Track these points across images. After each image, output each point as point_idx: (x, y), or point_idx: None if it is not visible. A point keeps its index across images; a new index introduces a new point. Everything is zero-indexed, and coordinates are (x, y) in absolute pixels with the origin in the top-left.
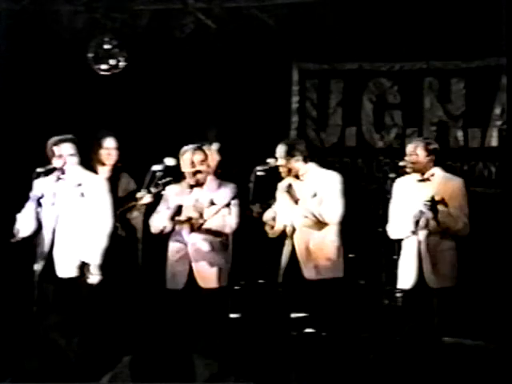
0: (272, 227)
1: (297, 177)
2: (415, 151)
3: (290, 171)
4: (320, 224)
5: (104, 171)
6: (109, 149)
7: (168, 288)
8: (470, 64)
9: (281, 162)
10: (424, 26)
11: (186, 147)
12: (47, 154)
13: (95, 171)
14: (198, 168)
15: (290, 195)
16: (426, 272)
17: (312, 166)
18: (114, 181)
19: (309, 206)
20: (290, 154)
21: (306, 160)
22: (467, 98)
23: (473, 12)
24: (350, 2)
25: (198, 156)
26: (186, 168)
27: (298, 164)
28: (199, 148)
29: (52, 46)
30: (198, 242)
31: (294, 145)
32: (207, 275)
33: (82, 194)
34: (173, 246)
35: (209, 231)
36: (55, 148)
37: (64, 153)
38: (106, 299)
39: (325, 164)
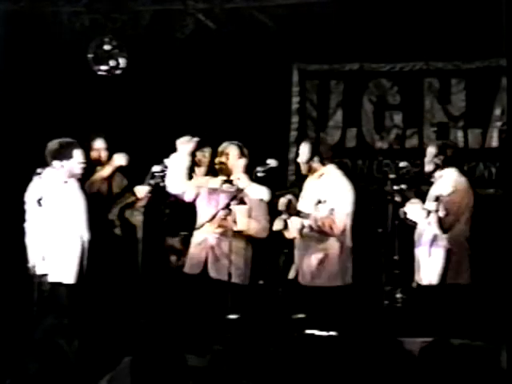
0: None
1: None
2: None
3: (310, 170)
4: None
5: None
6: (99, 150)
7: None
8: (471, 65)
9: (302, 160)
10: (424, 26)
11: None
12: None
13: (93, 171)
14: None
15: (288, 213)
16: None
17: (330, 168)
18: (108, 180)
19: (309, 217)
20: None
21: (323, 162)
22: (467, 99)
23: (473, 12)
24: (349, 2)
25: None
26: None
27: (316, 164)
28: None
29: (52, 47)
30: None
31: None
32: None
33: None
34: None
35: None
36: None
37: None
38: (106, 299)
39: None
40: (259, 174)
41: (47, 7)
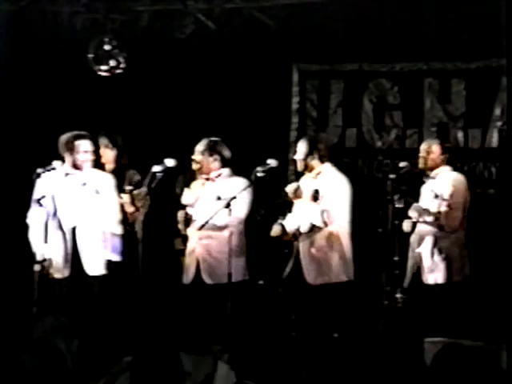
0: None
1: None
2: (430, 149)
3: (306, 167)
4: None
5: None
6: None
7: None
8: (470, 65)
9: (299, 157)
10: (424, 26)
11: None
12: (63, 148)
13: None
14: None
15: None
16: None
17: (327, 166)
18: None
19: (310, 212)
20: (309, 152)
21: (322, 159)
22: (467, 99)
23: (473, 12)
24: (349, 2)
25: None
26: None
27: (314, 162)
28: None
29: (52, 47)
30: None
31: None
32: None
33: (97, 192)
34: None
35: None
36: (78, 143)
37: (87, 149)
38: (106, 300)
39: None
40: (259, 174)
41: (47, 7)
